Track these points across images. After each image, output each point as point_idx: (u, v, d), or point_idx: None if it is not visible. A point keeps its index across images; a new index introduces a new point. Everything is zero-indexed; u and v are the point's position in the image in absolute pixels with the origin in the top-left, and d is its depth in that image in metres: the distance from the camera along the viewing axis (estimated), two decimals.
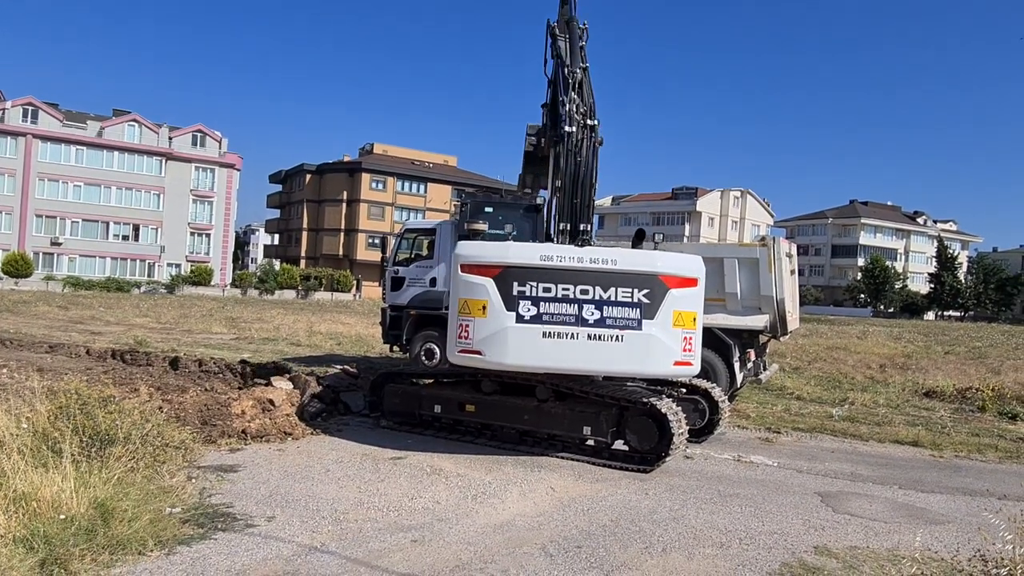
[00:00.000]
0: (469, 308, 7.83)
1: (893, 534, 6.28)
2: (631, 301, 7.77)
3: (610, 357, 7.82)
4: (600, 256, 7.91)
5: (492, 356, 7.85)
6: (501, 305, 7.76)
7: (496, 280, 7.77)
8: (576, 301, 7.76)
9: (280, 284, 66.98)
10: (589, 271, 7.79)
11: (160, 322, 27.24)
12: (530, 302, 7.74)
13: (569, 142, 8.67)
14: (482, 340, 7.81)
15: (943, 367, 19.76)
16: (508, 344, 7.77)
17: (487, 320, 7.78)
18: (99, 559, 4.61)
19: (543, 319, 7.73)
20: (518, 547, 5.48)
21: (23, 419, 6.18)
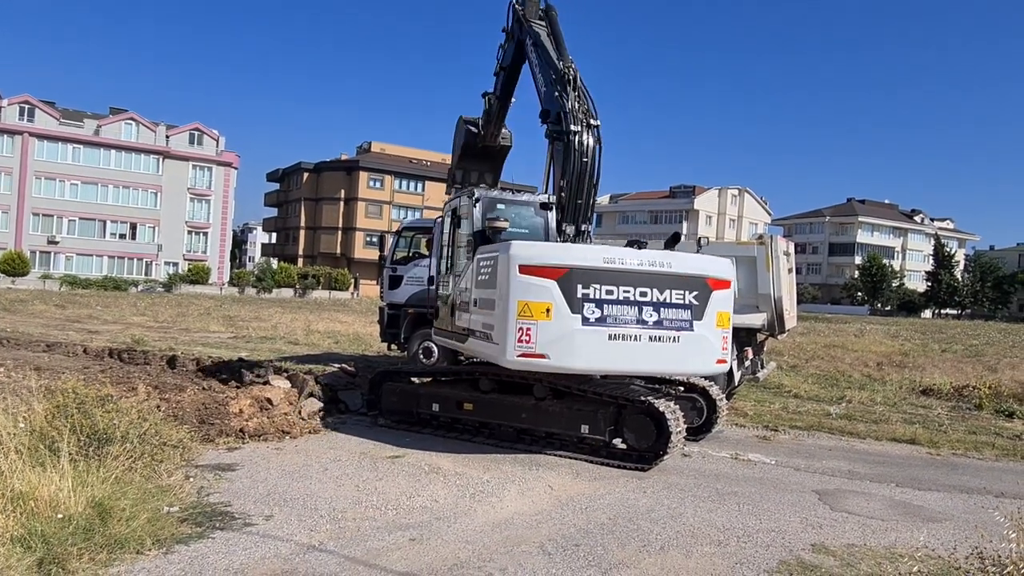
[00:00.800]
0: (531, 311, 7.58)
1: (890, 532, 6.30)
2: (684, 303, 7.97)
3: (668, 357, 7.99)
4: (657, 259, 8.02)
5: (558, 360, 7.71)
6: (566, 308, 7.59)
7: (560, 282, 7.60)
8: (636, 303, 7.79)
9: (278, 283, 66.93)
10: (648, 273, 7.87)
11: (157, 321, 27.20)
12: (594, 304, 7.65)
13: (576, 141, 8.69)
14: (547, 343, 7.60)
15: (940, 365, 19.80)
16: (575, 347, 7.66)
17: (552, 323, 7.58)
18: (97, 558, 4.61)
19: (607, 321, 7.70)
20: (516, 545, 5.49)
21: (20, 418, 6.16)
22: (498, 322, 7.77)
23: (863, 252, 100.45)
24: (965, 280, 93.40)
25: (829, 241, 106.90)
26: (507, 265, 7.68)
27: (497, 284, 7.84)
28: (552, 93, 9.44)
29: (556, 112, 9.18)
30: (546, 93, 9.64)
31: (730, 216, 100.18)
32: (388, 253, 15.34)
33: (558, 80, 9.42)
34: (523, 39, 10.26)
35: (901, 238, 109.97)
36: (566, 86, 9.31)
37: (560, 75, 9.40)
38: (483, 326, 8.22)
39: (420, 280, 14.35)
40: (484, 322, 8.19)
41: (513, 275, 7.62)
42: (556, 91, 9.41)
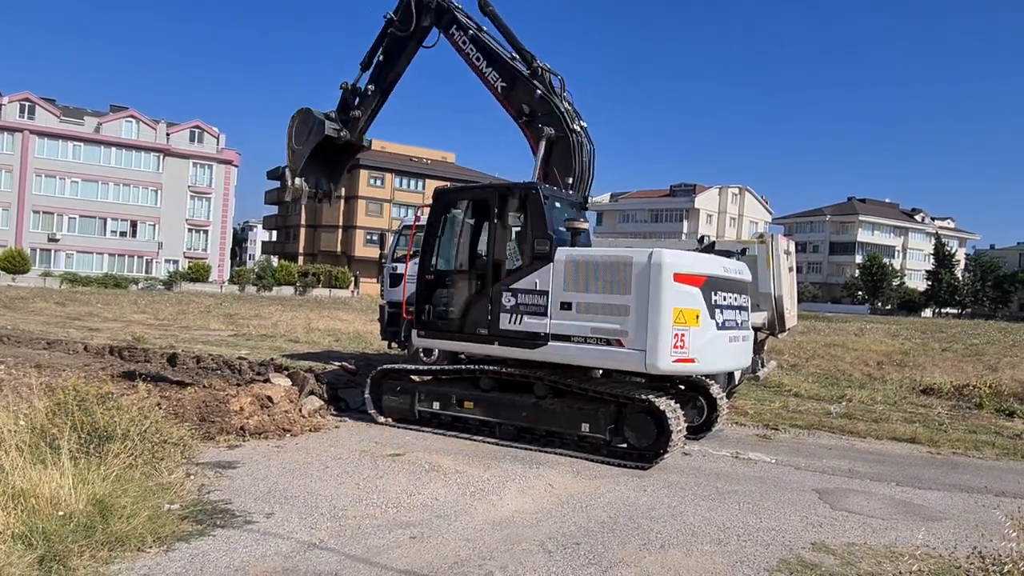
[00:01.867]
0: (685, 318, 7.78)
1: (891, 531, 6.30)
2: (743, 305, 8.92)
3: (744, 354, 9.02)
4: (737, 267, 8.95)
5: (704, 364, 8.15)
6: (707, 313, 7.98)
7: (702, 289, 7.95)
8: (736, 307, 8.64)
9: (278, 281, 66.98)
10: (738, 280, 8.80)
11: (158, 318, 27.21)
12: (719, 310, 8.19)
13: (577, 141, 9.13)
14: (698, 348, 7.87)
15: (940, 364, 19.79)
16: (715, 351, 8.19)
17: (701, 329, 7.90)
18: (98, 555, 4.61)
19: (727, 325, 8.35)
20: (516, 544, 5.49)
21: (21, 416, 6.17)
22: (644, 328, 7.72)
23: (864, 251, 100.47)
24: (966, 279, 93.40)
25: (830, 240, 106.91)
26: (660, 272, 7.72)
27: (636, 290, 7.78)
28: (533, 92, 9.52)
29: (545, 112, 9.27)
30: (518, 91, 9.67)
31: (731, 215, 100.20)
32: (388, 251, 15.35)
33: (534, 78, 9.52)
34: (458, 29, 10.19)
35: (902, 237, 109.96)
36: (548, 85, 9.45)
37: (537, 73, 9.53)
38: (602, 331, 7.93)
39: None
40: (606, 327, 7.91)
41: (667, 282, 7.71)
42: (539, 91, 9.52)
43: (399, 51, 10.84)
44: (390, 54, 10.86)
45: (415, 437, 8.96)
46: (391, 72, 10.98)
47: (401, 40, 10.68)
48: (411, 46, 10.78)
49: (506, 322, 8.51)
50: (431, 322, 9.31)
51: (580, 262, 8.22)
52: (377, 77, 11.00)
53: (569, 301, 8.15)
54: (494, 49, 10.06)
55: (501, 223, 8.79)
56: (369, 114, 11.18)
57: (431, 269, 9.36)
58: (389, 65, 10.93)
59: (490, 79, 9.97)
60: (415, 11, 10.46)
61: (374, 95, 11.08)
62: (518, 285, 8.49)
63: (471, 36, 10.18)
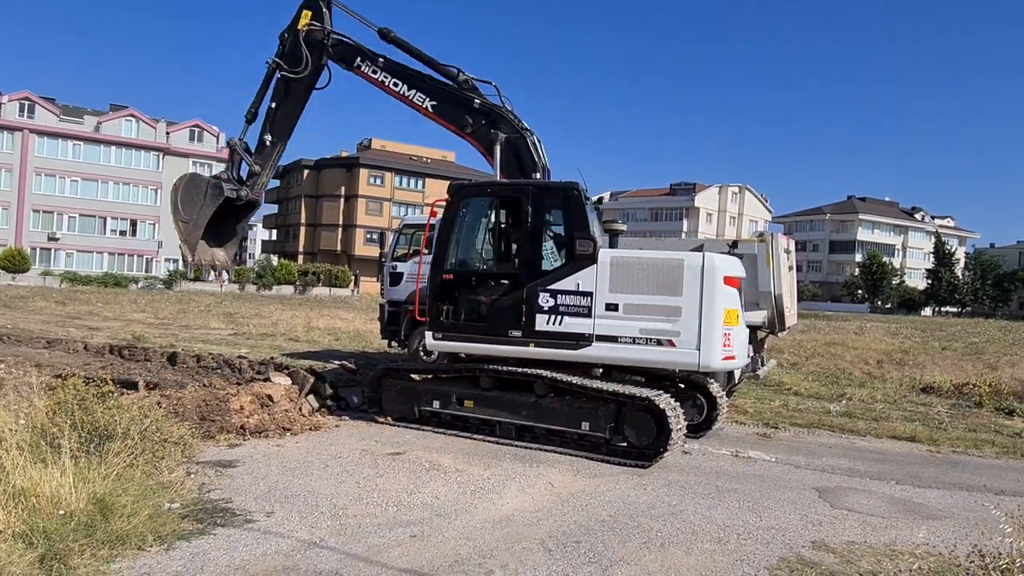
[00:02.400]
0: (731, 318, 8.18)
1: (891, 529, 6.30)
2: None
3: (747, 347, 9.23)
4: None
5: (740, 360, 8.70)
6: (741, 313, 8.54)
7: (739, 291, 8.48)
8: None
9: (278, 280, 66.96)
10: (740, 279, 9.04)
11: (158, 317, 27.21)
12: (743, 310, 8.66)
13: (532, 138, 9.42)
14: (739, 346, 8.43)
15: (940, 363, 19.79)
16: (744, 347, 8.77)
17: (739, 328, 8.46)
18: (98, 554, 4.62)
19: (744, 324, 8.76)
20: (517, 542, 5.49)
21: (21, 415, 6.17)
22: (698, 329, 7.97)
23: (863, 250, 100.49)
24: (965, 278, 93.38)
25: (829, 239, 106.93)
26: (714, 275, 8.01)
27: (688, 292, 7.98)
28: (470, 103, 9.56)
29: (491, 118, 9.40)
30: (451, 105, 9.66)
31: (730, 213, 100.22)
32: (388, 250, 15.35)
33: (465, 89, 9.62)
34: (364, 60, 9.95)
35: (901, 236, 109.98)
36: (482, 93, 9.56)
37: (468, 84, 9.61)
38: (653, 332, 8.05)
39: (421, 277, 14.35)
40: (657, 328, 8.04)
41: (719, 285, 8.03)
42: (476, 100, 9.56)
43: (297, 95, 10.41)
44: (286, 99, 10.40)
45: (415, 436, 8.96)
46: (290, 118, 10.54)
47: (298, 83, 10.27)
48: (310, 88, 10.41)
49: (543, 323, 8.40)
50: (450, 324, 8.90)
51: (627, 264, 8.26)
52: (274, 126, 10.50)
53: (616, 302, 8.16)
54: (412, 71, 9.93)
55: (535, 222, 8.58)
56: (270, 167, 10.71)
57: (450, 268, 8.98)
58: (287, 111, 10.45)
59: (416, 101, 9.82)
60: (307, 52, 10.09)
61: (274, 146, 10.60)
62: (558, 286, 8.37)
63: (383, 64, 9.96)
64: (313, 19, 10.21)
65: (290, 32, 10.26)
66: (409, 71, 9.93)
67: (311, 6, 10.23)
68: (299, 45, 10.12)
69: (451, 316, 8.90)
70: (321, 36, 10.14)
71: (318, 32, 10.14)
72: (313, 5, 10.22)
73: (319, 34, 10.13)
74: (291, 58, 10.20)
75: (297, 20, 10.29)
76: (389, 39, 10.06)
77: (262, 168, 10.61)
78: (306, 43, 10.10)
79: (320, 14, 10.22)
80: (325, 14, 10.24)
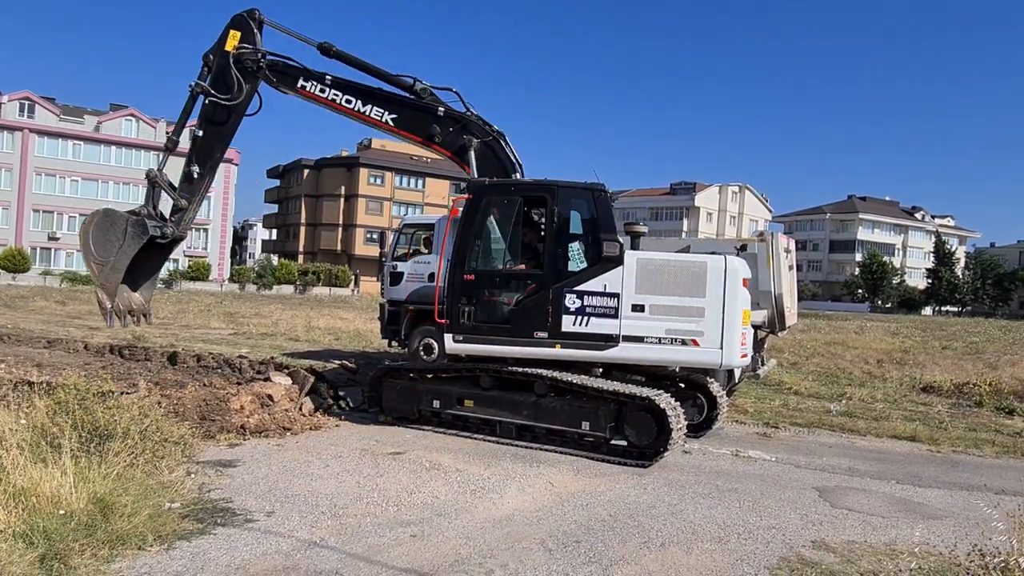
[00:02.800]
0: (745, 318, 8.55)
1: (891, 529, 6.30)
2: None
3: None
4: None
5: (749, 357, 9.10)
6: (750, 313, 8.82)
7: (747, 291, 8.69)
8: None
9: (278, 279, 66.95)
10: None
11: (158, 317, 27.05)
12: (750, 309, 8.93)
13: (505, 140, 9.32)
14: (748, 343, 8.87)
15: (940, 362, 19.79)
16: (750, 346, 9.11)
17: (749, 328, 8.87)
18: (99, 554, 4.62)
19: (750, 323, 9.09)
20: (517, 542, 5.49)
21: (22, 414, 6.18)
22: (721, 328, 8.24)
23: (864, 249, 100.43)
24: (966, 277, 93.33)
25: (830, 238, 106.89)
26: (736, 278, 8.31)
27: (712, 293, 8.25)
28: (435, 111, 9.23)
29: (458, 126, 9.20)
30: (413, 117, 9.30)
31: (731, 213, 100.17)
32: (389, 250, 15.34)
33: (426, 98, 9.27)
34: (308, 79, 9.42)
35: (902, 235, 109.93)
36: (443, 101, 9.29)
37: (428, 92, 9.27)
38: (678, 332, 8.25)
39: (421, 277, 14.35)
40: (682, 328, 8.23)
41: (739, 286, 8.34)
42: (440, 108, 9.25)
43: (226, 122, 9.64)
44: (214, 127, 9.65)
45: (415, 435, 8.96)
46: (219, 147, 9.83)
47: (226, 110, 9.52)
48: (240, 114, 9.69)
49: (570, 324, 8.38)
50: (472, 326, 8.69)
51: (652, 265, 8.38)
52: (201, 156, 9.76)
53: (642, 303, 8.28)
54: (364, 86, 9.42)
55: (561, 222, 8.55)
56: (198, 201, 9.93)
57: (472, 268, 8.76)
58: (215, 140, 9.73)
59: (374, 117, 9.35)
60: (237, 76, 9.36)
61: (202, 178, 9.81)
62: (585, 287, 8.38)
63: (331, 82, 9.39)
64: (243, 40, 9.43)
65: (217, 54, 9.48)
66: (361, 86, 9.42)
67: (240, 26, 9.48)
68: (229, 69, 9.36)
69: (473, 318, 8.71)
70: (254, 58, 9.42)
71: (250, 54, 9.41)
72: (242, 25, 9.49)
73: (251, 56, 9.41)
74: (219, 82, 9.42)
75: (224, 41, 9.47)
76: (331, 54, 9.45)
77: (189, 202, 9.78)
78: (237, 66, 9.37)
79: (250, 34, 9.47)
80: (256, 34, 9.49)
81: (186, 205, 9.79)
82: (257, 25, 9.51)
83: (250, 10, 9.51)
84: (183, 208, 9.77)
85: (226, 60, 9.39)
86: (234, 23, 9.49)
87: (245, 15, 9.51)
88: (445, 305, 8.80)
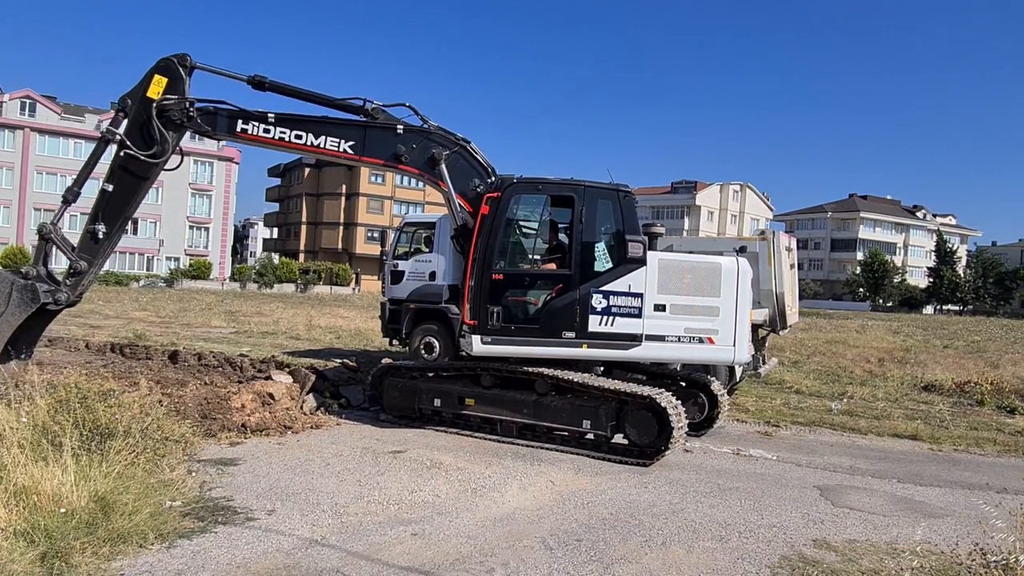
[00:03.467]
0: (750, 317, 8.90)
1: (892, 527, 6.30)
2: None
3: None
4: None
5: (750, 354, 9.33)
6: None
7: None
8: None
9: (279, 278, 66.95)
10: None
11: (159, 316, 27.22)
12: None
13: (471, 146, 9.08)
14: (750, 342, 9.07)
15: (942, 361, 19.78)
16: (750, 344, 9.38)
17: (750, 326, 9.18)
18: (100, 552, 4.62)
19: None
20: (518, 540, 5.49)
21: (23, 413, 6.18)
22: (733, 327, 8.55)
23: (865, 248, 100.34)
24: (967, 276, 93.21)
25: (831, 237, 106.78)
26: (746, 278, 8.64)
27: (725, 293, 8.56)
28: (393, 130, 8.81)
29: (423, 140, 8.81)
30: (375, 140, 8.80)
31: (732, 212, 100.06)
32: (390, 248, 15.33)
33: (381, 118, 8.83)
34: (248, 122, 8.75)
35: (903, 234, 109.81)
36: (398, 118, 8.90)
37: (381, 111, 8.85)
38: (695, 330, 8.48)
39: (422, 275, 14.34)
40: (699, 326, 8.48)
41: (748, 287, 8.66)
42: (399, 126, 8.83)
43: (141, 177, 8.67)
44: (126, 182, 8.65)
45: (416, 434, 8.97)
46: (129, 205, 8.79)
47: (143, 164, 8.58)
48: (158, 169, 8.80)
49: (596, 324, 8.41)
50: (500, 327, 8.52)
51: (672, 266, 8.60)
52: (108, 212, 8.65)
53: (663, 303, 8.47)
54: (312, 118, 8.77)
55: (589, 222, 8.54)
56: (99, 264, 8.85)
57: (500, 268, 8.60)
58: (125, 196, 8.70)
59: (329, 148, 8.75)
60: (160, 129, 8.48)
61: (107, 238, 8.68)
62: (610, 287, 8.44)
63: (275, 120, 8.70)
64: (169, 88, 8.52)
65: (136, 100, 8.56)
66: (309, 118, 8.75)
67: (167, 72, 8.56)
68: (151, 120, 8.43)
69: (501, 319, 8.56)
70: (182, 108, 8.54)
71: (175, 104, 8.52)
72: (170, 71, 8.56)
73: (178, 106, 8.53)
74: (138, 134, 8.50)
75: (147, 86, 8.55)
76: (265, 87, 8.70)
77: (89, 265, 8.60)
78: (160, 117, 8.49)
79: (178, 82, 8.55)
80: (185, 82, 8.60)
81: (85, 268, 8.59)
82: (188, 72, 8.66)
83: (181, 55, 8.64)
84: (81, 271, 8.58)
85: (148, 110, 8.50)
86: (160, 68, 8.61)
87: (175, 61, 8.62)
88: (472, 305, 8.59)
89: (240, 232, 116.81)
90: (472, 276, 8.59)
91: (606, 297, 8.44)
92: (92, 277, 8.84)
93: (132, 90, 8.66)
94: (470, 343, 8.55)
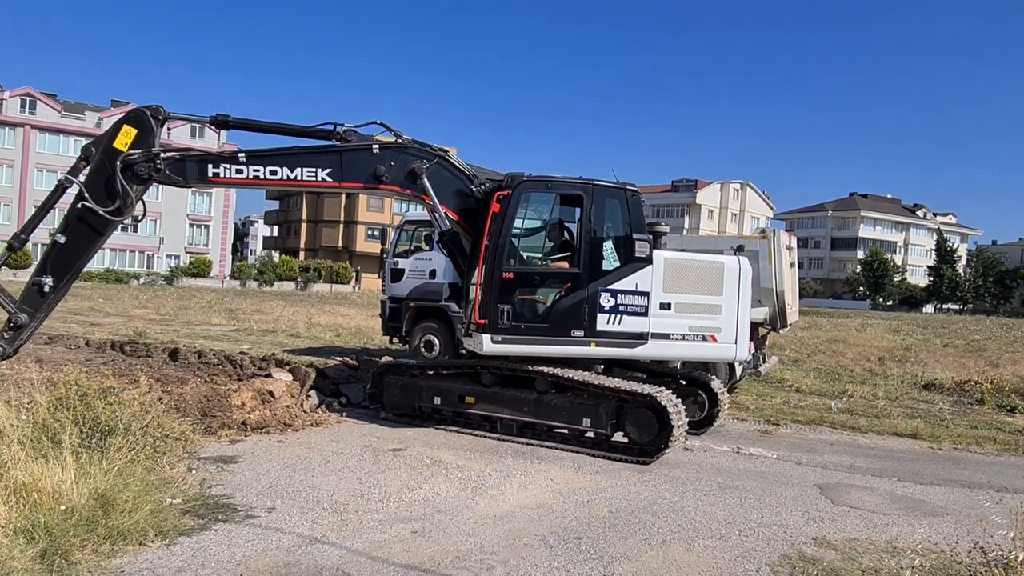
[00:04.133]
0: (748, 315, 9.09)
1: (892, 526, 6.30)
2: None
3: None
4: None
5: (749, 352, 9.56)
6: None
7: None
8: None
9: (279, 276, 66.94)
10: None
11: (159, 313, 27.23)
12: None
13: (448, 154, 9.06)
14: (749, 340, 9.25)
15: (942, 360, 19.78)
16: None
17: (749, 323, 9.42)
18: (100, 549, 4.62)
19: None
20: (518, 538, 5.49)
21: (23, 410, 6.18)
22: (735, 326, 8.76)
23: (865, 247, 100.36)
24: (967, 275, 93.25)
25: (831, 236, 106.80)
26: (747, 277, 8.84)
27: (727, 291, 8.74)
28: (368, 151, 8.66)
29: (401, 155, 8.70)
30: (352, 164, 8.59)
31: (732, 210, 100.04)
32: (390, 246, 15.34)
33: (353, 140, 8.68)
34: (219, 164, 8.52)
35: (903, 233, 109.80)
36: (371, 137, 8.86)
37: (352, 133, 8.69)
38: (699, 328, 8.65)
39: (422, 273, 14.36)
40: (703, 325, 8.66)
41: (748, 285, 8.82)
42: (373, 146, 8.69)
43: (98, 230, 8.20)
44: (81, 235, 8.15)
45: (416, 432, 8.97)
46: (83, 259, 8.29)
47: (106, 221, 8.14)
48: (117, 222, 8.31)
49: (604, 323, 8.44)
50: (510, 326, 8.43)
51: (677, 264, 8.71)
52: (58, 265, 8.16)
53: (668, 301, 8.58)
54: (283, 150, 8.55)
55: (597, 221, 8.54)
56: (41, 318, 8.27)
57: (510, 267, 8.52)
58: (78, 249, 8.19)
59: (307, 180, 8.49)
60: (123, 183, 8.06)
61: (54, 291, 8.11)
62: (618, 286, 8.46)
63: (246, 159, 8.43)
64: (137, 140, 8.16)
65: (101, 150, 8.18)
66: (280, 151, 8.52)
67: (138, 123, 8.21)
68: (115, 175, 8.03)
69: (511, 318, 8.47)
70: (150, 162, 8.19)
71: (143, 158, 8.17)
72: (141, 123, 8.22)
73: (145, 162, 8.19)
74: (101, 186, 8.07)
75: (114, 137, 8.20)
76: (228, 125, 8.53)
77: (31, 319, 8.05)
78: (125, 172, 8.10)
79: (148, 135, 8.21)
80: (155, 134, 8.28)
81: (26, 322, 8.00)
82: (160, 124, 8.35)
83: (155, 108, 8.32)
84: (22, 325, 8.00)
85: (112, 163, 8.08)
86: (131, 119, 8.28)
87: (147, 113, 8.29)
88: (482, 304, 8.46)
89: (240, 230, 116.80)
90: (483, 274, 8.45)
91: (614, 296, 8.46)
92: (32, 331, 8.27)
93: (97, 139, 8.35)
94: (480, 343, 8.38)
